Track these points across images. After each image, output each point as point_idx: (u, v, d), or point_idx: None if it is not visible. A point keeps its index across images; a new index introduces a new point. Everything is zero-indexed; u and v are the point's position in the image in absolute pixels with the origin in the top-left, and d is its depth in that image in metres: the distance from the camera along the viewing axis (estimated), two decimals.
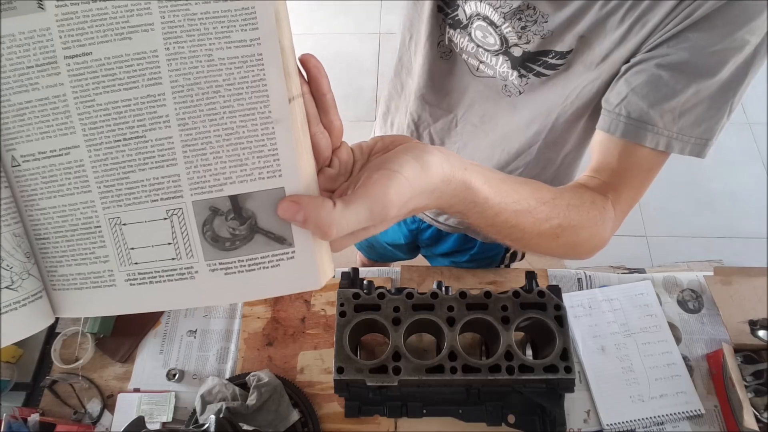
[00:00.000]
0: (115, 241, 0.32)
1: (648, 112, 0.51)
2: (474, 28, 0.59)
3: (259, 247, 0.32)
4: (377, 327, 0.76)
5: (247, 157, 0.32)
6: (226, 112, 0.31)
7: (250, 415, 0.79)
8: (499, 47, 0.58)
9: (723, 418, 0.82)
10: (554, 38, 0.53)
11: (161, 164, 0.31)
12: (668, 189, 2.06)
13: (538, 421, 0.76)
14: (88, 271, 0.32)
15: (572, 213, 0.51)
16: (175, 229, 0.32)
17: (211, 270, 0.32)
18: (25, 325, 0.30)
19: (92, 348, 0.90)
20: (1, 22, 0.30)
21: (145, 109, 0.31)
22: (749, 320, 0.83)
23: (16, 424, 0.77)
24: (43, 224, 0.32)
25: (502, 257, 1.00)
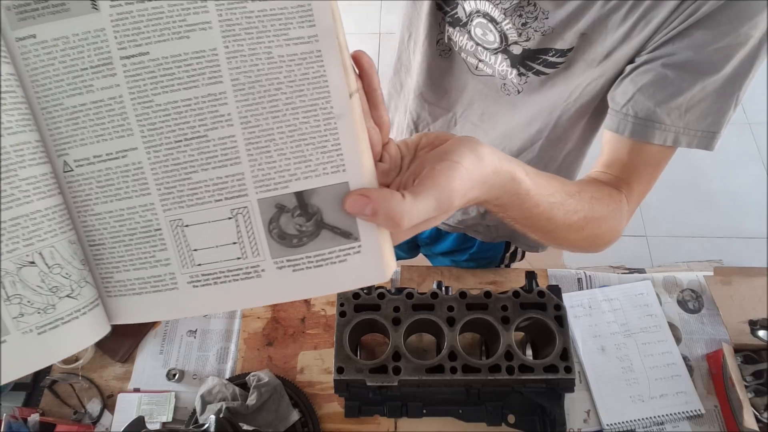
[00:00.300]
0: (177, 243, 0.31)
1: (655, 111, 0.51)
2: (474, 26, 0.59)
3: (325, 242, 0.32)
4: (377, 327, 0.76)
5: (311, 153, 0.31)
6: (288, 109, 0.31)
7: (250, 415, 0.79)
8: (499, 45, 0.57)
9: (723, 418, 0.82)
10: (555, 35, 0.53)
11: (224, 163, 0.31)
12: (668, 189, 2.05)
13: (538, 421, 0.76)
14: (147, 276, 0.31)
15: (595, 205, 0.52)
16: (240, 228, 0.31)
17: (278, 267, 0.32)
18: (85, 335, 0.30)
19: (92, 348, 0.90)
20: (54, 24, 0.29)
21: (206, 108, 0.30)
22: (749, 320, 0.83)
23: (16, 424, 0.77)
24: (98, 230, 0.31)
25: (501, 257, 1.00)
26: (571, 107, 0.60)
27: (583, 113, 0.62)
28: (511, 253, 1.00)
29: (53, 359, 0.28)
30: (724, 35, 0.46)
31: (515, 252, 1.00)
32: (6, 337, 0.26)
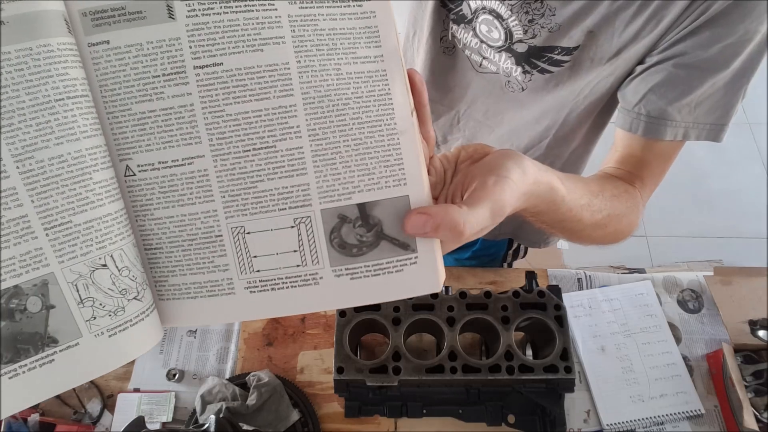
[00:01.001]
0: (237, 250, 0.31)
1: (666, 110, 0.52)
2: (479, 23, 0.59)
3: (384, 253, 0.33)
4: (377, 327, 0.76)
5: (375, 167, 0.32)
6: (355, 124, 0.32)
7: (250, 415, 0.79)
8: (503, 42, 0.58)
9: (723, 418, 0.82)
10: (561, 33, 0.53)
11: (291, 174, 0.31)
12: (668, 189, 2.05)
13: (538, 421, 0.76)
14: (204, 280, 0.31)
15: (616, 203, 0.53)
16: (302, 237, 0.32)
17: (336, 276, 0.32)
18: (149, 336, 0.30)
19: None
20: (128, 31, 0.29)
21: (276, 120, 0.31)
22: (749, 320, 0.83)
23: (16, 424, 0.77)
24: (156, 234, 0.31)
25: (504, 255, 1.00)
26: (580, 104, 0.61)
27: (592, 111, 0.62)
28: (514, 251, 1.00)
29: (122, 361, 0.28)
30: (733, 33, 0.47)
31: (518, 249, 1.00)
32: (79, 340, 0.26)
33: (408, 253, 0.33)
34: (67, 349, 0.26)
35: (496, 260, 1.01)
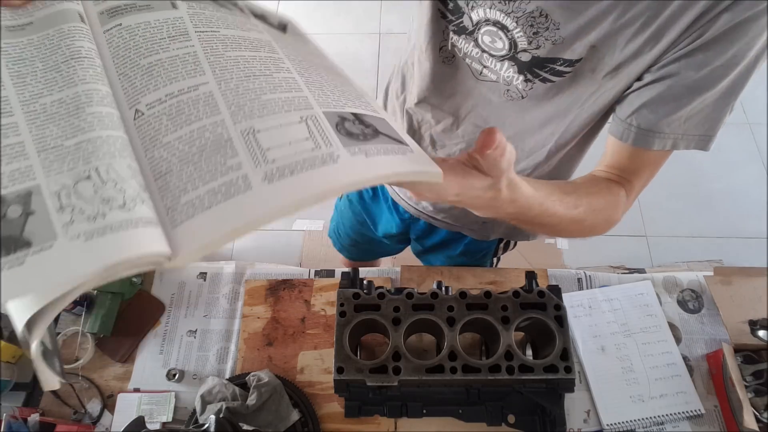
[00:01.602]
0: (249, 148, 0.31)
1: (657, 124, 0.55)
2: (481, 34, 0.59)
3: (385, 143, 0.36)
4: (377, 327, 0.76)
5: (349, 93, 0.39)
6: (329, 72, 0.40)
7: (250, 415, 0.79)
8: (507, 52, 0.58)
9: (723, 418, 0.82)
10: (565, 46, 0.54)
11: (290, 90, 0.35)
12: (668, 189, 2.05)
13: (538, 421, 0.76)
14: (218, 185, 0.30)
15: (592, 199, 0.57)
16: (311, 129, 0.33)
17: (352, 154, 0.33)
18: (134, 245, 0.27)
19: (92, 348, 0.90)
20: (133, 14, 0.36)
21: (270, 62, 0.37)
22: (749, 320, 0.83)
23: (16, 424, 0.77)
24: (166, 159, 0.31)
25: (495, 249, 1.00)
26: (582, 114, 0.62)
27: (592, 120, 0.64)
28: (504, 243, 1.00)
29: (98, 264, 0.26)
30: (723, 56, 0.49)
31: (508, 242, 1.01)
32: (53, 242, 0.26)
33: (404, 146, 0.37)
34: (40, 251, 0.26)
35: (488, 255, 1.02)
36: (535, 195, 0.48)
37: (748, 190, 2.04)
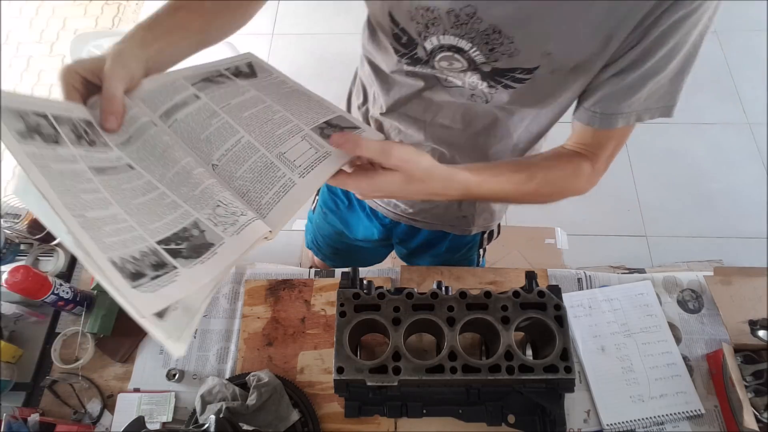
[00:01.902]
0: (284, 163, 0.54)
1: (619, 107, 0.59)
2: (437, 60, 0.62)
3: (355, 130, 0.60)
4: (377, 327, 0.76)
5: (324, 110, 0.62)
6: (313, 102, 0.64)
7: (250, 415, 0.79)
8: (467, 67, 0.61)
9: (723, 418, 0.82)
10: (521, 57, 0.56)
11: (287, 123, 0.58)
12: (668, 189, 2.05)
13: (538, 421, 0.76)
14: (277, 188, 0.52)
15: (548, 173, 0.64)
16: (309, 142, 0.56)
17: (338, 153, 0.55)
18: (258, 231, 0.49)
19: (92, 348, 0.90)
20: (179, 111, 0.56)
21: (268, 111, 0.59)
22: (749, 320, 0.83)
23: (16, 424, 0.77)
24: (242, 185, 0.53)
25: (480, 240, 1.01)
26: (548, 110, 0.67)
27: (556, 114, 0.69)
28: (488, 234, 1.01)
29: (246, 246, 0.48)
30: (667, 45, 0.53)
31: (492, 231, 1.01)
32: (224, 240, 0.48)
33: (360, 129, 0.60)
34: (220, 246, 0.47)
35: (473, 248, 1.03)
36: (475, 179, 0.57)
37: (748, 190, 2.04)
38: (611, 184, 2.08)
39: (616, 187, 2.08)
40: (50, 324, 0.94)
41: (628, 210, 2.03)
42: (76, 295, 0.90)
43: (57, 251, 1.00)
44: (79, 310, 0.93)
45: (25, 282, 0.81)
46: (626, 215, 2.02)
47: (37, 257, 1.00)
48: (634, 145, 2.13)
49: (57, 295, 0.86)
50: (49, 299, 0.85)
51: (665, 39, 0.53)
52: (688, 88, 0.58)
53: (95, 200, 0.45)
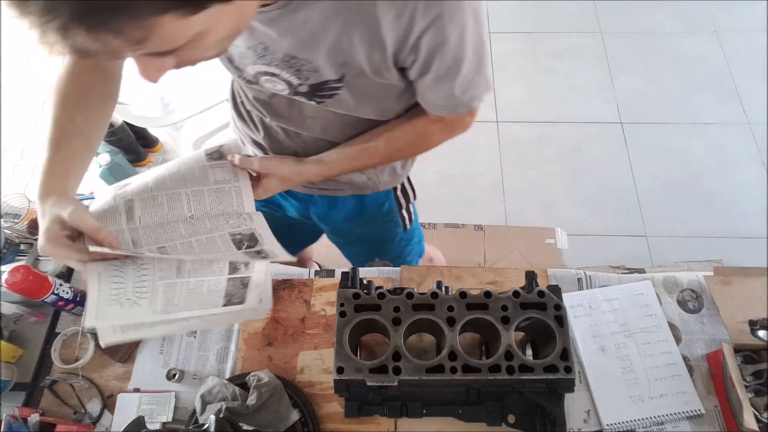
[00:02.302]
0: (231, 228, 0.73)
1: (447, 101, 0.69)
2: (263, 82, 0.70)
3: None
4: (377, 327, 0.76)
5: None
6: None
7: (250, 415, 0.79)
8: (289, 90, 0.69)
9: (723, 418, 0.82)
10: (324, 71, 0.64)
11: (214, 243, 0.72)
12: (668, 189, 2.06)
13: (538, 421, 0.76)
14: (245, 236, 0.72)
15: (392, 141, 0.78)
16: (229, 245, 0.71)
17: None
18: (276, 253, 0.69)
19: (92, 348, 0.90)
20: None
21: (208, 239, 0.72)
22: (749, 320, 0.83)
23: (16, 424, 0.77)
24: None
25: (397, 202, 1.04)
26: (376, 105, 0.74)
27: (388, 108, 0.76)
28: (402, 193, 1.04)
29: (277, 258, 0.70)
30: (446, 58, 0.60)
31: (404, 190, 1.04)
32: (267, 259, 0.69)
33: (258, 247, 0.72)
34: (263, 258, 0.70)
35: (392, 210, 1.05)
36: (320, 167, 0.79)
37: (748, 190, 2.04)
38: (611, 184, 2.08)
39: (616, 187, 2.08)
40: (50, 324, 0.94)
41: (628, 210, 2.03)
42: (76, 295, 0.90)
43: None
44: (79, 310, 0.93)
45: (25, 282, 0.81)
46: (626, 215, 2.02)
47: (37, 257, 1.00)
48: (634, 145, 2.14)
49: (57, 295, 0.86)
50: (49, 299, 0.85)
51: (441, 54, 0.60)
52: (688, 88, 0.59)
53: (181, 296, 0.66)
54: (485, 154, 2.18)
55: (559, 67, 2.40)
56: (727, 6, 2.51)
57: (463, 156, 2.18)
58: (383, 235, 1.10)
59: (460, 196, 2.08)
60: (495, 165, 2.15)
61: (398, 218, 1.08)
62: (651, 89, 2.29)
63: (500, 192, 2.09)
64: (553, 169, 2.14)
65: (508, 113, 2.29)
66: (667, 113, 2.22)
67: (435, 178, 2.10)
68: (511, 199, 2.07)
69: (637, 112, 2.22)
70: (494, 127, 2.25)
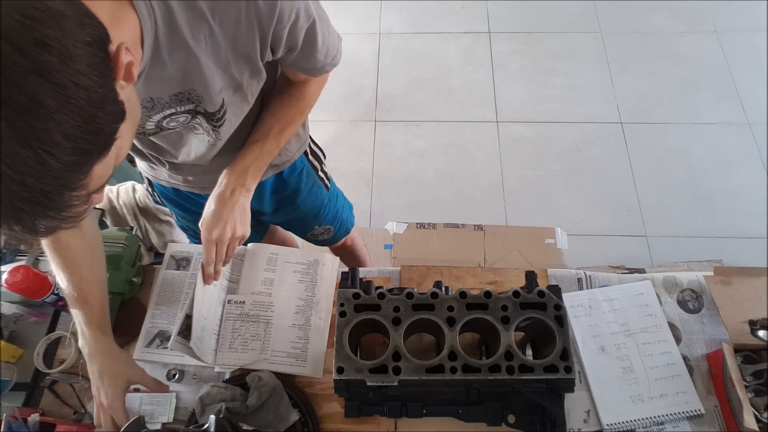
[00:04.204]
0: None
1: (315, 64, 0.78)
2: (167, 124, 0.73)
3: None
4: (377, 327, 0.76)
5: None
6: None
7: (250, 415, 0.79)
8: (192, 117, 0.74)
9: (723, 418, 0.82)
10: (209, 100, 0.70)
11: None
12: (668, 189, 2.05)
13: (538, 421, 0.76)
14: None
15: (283, 109, 0.84)
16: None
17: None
18: None
19: (75, 350, 0.88)
20: None
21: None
22: (749, 320, 0.83)
23: (16, 424, 0.77)
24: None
25: (310, 164, 1.09)
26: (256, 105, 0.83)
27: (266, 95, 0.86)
28: (313, 156, 1.09)
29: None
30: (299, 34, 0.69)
31: (314, 152, 1.10)
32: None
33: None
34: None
35: (310, 176, 1.09)
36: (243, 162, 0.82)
37: (748, 190, 2.04)
38: (611, 184, 2.08)
39: (616, 187, 2.08)
40: (50, 324, 0.94)
41: (628, 210, 2.03)
42: None
43: None
44: None
45: (25, 282, 0.81)
46: (626, 215, 2.02)
47: (37, 257, 1.00)
48: (634, 145, 2.14)
49: (57, 295, 0.86)
50: (49, 299, 0.85)
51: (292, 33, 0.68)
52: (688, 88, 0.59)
53: None
54: (485, 154, 2.18)
55: (559, 67, 2.40)
56: (727, 6, 2.51)
57: (463, 156, 2.18)
58: (313, 201, 1.14)
59: (460, 196, 2.08)
60: (495, 165, 2.15)
61: (318, 181, 1.12)
62: (651, 89, 2.29)
63: (500, 192, 2.09)
64: (553, 169, 2.13)
65: (508, 113, 2.28)
66: (667, 113, 2.22)
67: (435, 178, 2.10)
68: (511, 199, 2.07)
69: (637, 112, 2.22)
70: (494, 127, 2.25)
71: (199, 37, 0.62)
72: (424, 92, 2.33)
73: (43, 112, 0.38)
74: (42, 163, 0.39)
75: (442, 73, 2.40)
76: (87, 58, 0.42)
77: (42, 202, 0.41)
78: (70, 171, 0.42)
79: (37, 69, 0.38)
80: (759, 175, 2.08)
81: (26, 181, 0.39)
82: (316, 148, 1.12)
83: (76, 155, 0.42)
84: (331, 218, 1.24)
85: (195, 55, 0.63)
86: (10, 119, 0.37)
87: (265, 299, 0.92)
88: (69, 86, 0.40)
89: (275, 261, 0.95)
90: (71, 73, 0.40)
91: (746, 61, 2.32)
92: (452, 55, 2.45)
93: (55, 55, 0.39)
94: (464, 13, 2.58)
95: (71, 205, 0.44)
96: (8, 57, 0.37)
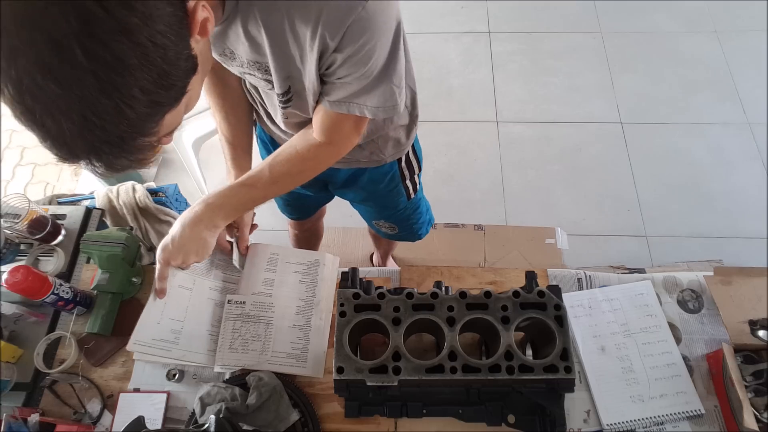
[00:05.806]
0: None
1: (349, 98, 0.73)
2: (248, 79, 0.77)
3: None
4: (377, 327, 0.76)
5: None
6: None
7: (250, 415, 0.79)
8: (268, 87, 0.75)
9: (723, 418, 0.82)
10: (276, 83, 0.71)
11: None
12: (668, 189, 2.05)
13: (538, 421, 0.76)
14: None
15: (282, 166, 0.83)
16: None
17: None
18: None
19: (75, 350, 0.88)
20: None
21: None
22: (749, 320, 0.83)
23: (16, 424, 0.77)
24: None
25: (400, 173, 1.07)
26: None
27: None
28: (406, 163, 1.06)
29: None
30: (357, 49, 0.63)
31: (409, 161, 1.07)
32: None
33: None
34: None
35: (395, 179, 1.06)
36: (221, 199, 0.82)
37: (748, 190, 2.04)
38: (611, 184, 2.08)
39: (616, 187, 2.08)
40: (50, 324, 0.94)
41: (628, 210, 2.03)
42: (76, 295, 0.90)
43: (57, 251, 1.00)
44: (80, 310, 0.93)
45: (25, 282, 0.81)
46: (626, 215, 2.02)
47: (37, 257, 1.00)
48: (634, 145, 2.14)
49: (57, 295, 0.86)
50: (49, 299, 0.85)
51: (352, 64, 0.65)
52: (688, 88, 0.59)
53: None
54: (485, 154, 2.18)
55: (559, 67, 2.40)
56: (727, 6, 2.51)
57: (463, 156, 2.18)
58: (386, 203, 1.13)
59: (460, 196, 2.08)
60: (495, 165, 2.15)
61: (401, 188, 1.10)
62: (651, 89, 2.28)
63: (500, 192, 2.09)
64: (553, 169, 2.13)
65: (508, 113, 2.28)
66: (667, 113, 2.22)
67: (435, 177, 2.10)
68: (511, 199, 2.07)
69: (637, 112, 2.22)
70: (494, 127, 2.25)
71: (297, 33, 0.62)
72: (424, 92, 2.32)
73: (124, 68, 0.44)
74: (120, 112, 0.45)
75: (442, 73, 2.40)
76: (166, 18, 0.47)
77: (118, 144, 0.47)
78: (144, 120, 0.48)
79: (122, 29, 0.43)
80: (759, 175, 2.08)
81: (107, 127, 0.45)
82: (413, 157, 1.08)
83: (150, 107, 0.48)
84: (399, 221, 1.22)
85: (286, 43, 0.64)
86: (97, 73, 0.42)
87: (266, 300, 0.91)
88: (148, 45, 0.45)
89: (276, 261, 0.95)
90: (151, 34, 0.45)
91: (746, 61, 2.32)
92: (452, 55, 2.45)
93: (139, 16, 0.43)
94: (464, 13, 2.58)
95: (143, 147, 0.50)
96: (98, 17, 0.41)
